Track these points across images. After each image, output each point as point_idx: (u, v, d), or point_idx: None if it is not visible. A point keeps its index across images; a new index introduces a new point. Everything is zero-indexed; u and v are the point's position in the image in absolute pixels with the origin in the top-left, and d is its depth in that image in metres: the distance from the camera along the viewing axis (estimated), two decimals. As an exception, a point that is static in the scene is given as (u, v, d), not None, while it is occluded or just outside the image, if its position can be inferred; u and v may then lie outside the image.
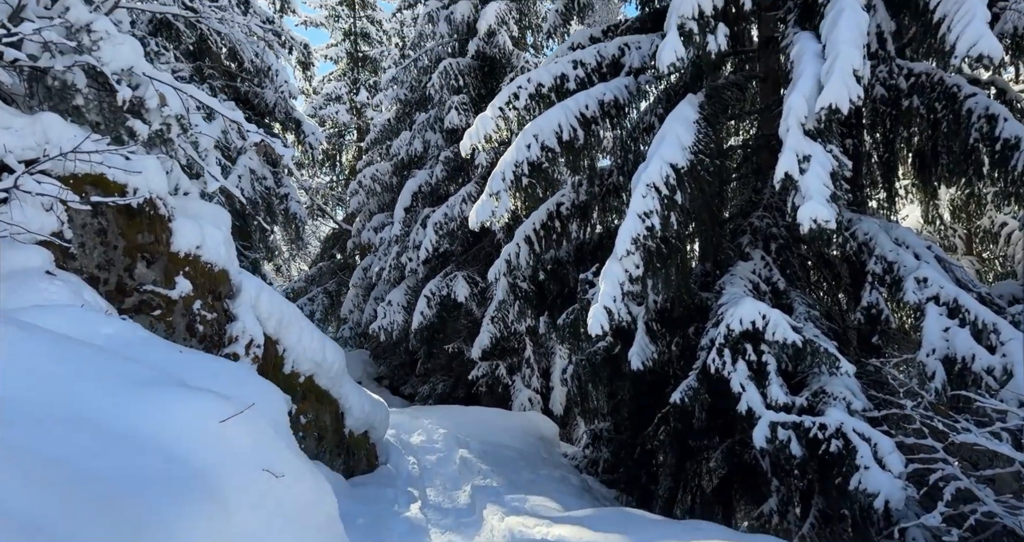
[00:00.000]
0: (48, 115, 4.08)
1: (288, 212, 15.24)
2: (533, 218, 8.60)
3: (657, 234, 5.69)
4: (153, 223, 4.59)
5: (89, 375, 2.35)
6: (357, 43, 22.48)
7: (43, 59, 4.11)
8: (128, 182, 4.39)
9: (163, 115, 4.61)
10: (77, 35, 4.03)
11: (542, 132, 6.96)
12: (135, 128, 4.53)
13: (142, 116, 4.63)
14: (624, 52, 7.35)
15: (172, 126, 4.67)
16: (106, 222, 4.29)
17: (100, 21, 3.99)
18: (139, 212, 4.48)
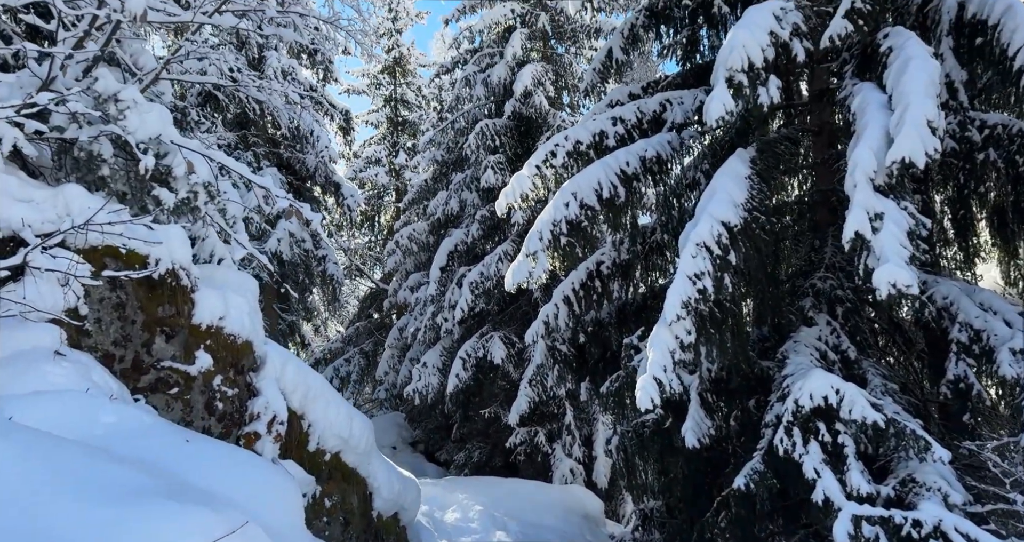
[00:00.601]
0: (71, 187, 3.94)
1: (325, 274, 15.22)
2: (572, 278, 8.24)
3: (710, 297, 5.25)
4: (175, 295, 4.36)
5: (66, 484, 2.02)
6: (397, 108, 23.03)
7: (70, 130, 4.00)
8: (150, 253, 4.19)
9: (190, 183, 4.45)
10: (104, 105, 3.91)
11: (581, 190, 6.68)
12: (161, 197, 4.37)
13: (169, 184, 4.48)
14: (666, 108, 7.09)
15: (199, 194, 4.51)
16: (125, 295, 4.07)
17: (127, 90, 3.88)
18: (160, 284, 4.26)
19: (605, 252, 8.30)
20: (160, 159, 4.42)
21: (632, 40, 7.85)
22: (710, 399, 5.76)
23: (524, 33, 13.20)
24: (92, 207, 3.95)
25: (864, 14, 4.94)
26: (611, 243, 8.39)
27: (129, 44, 7.32)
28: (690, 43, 7.46)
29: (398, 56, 22.81)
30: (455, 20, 14.92)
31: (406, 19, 23.11)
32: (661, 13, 7.56)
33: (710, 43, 7.29)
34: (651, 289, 8.21)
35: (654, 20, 7.70)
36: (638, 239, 7.73)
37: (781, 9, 5.21)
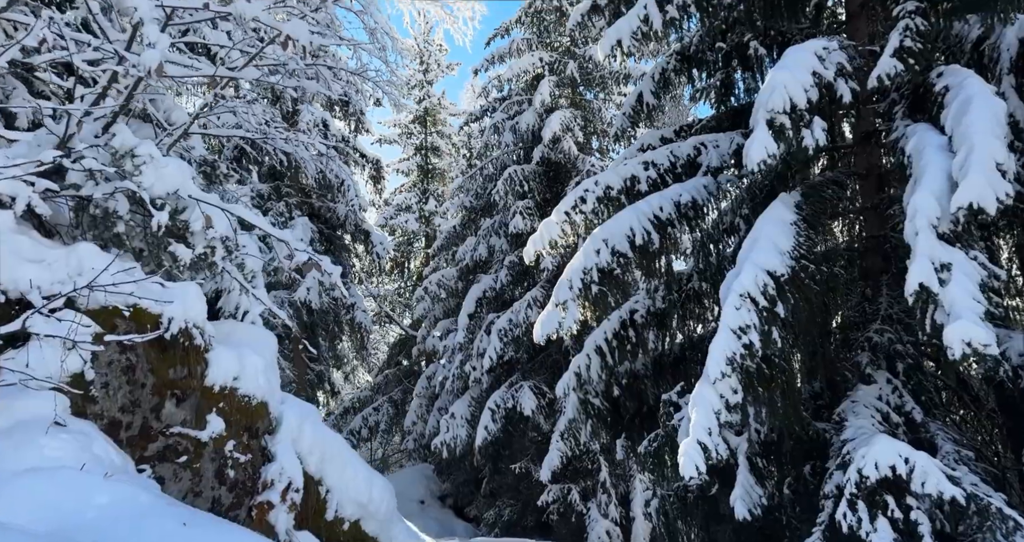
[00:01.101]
0: (84, 245, 3.80)
1: (354, 322, 15.08)
2: (604, 327, 7.88)
3: (757, 353, 4.86)
4: (187, 355, 4.16)
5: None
6: (427, 156, 23.29)
7: (86, 187, 3.89)
8: (163, 312, 4.00)
9: (207, 238, 4.29)
10: (121, 161, 3.80)
11: (612, 236, 6.40)
12: (177, 253, 4.21)
13: (187, 240, 4.33)
14: (700, 151, 6.84)
15: (216, 249, 4.34)
16: (135, 357, 3.87)
17: (144, 146, 3.77)
18: (172, 344, 4.06)
19: (639, 300, 7.95)
20: (178, 214, 4.28)
21: (663, 84, 7.68)
22: (760, 464, 5.29)
23: (552, 81, 13.21)
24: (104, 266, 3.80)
25: (915, 53, 4.66)
26: (645, 291, 8.04)
27: (163, 100, 7.39)
28: (724, 86, 7.25)
29: (429, 106, 23.19)
30: (484, 70, 15.06)
31: (437, 71, 23.58)
32: (693, 57, 7.38)
33: (745, 86, 7.07)
34: (689, 339, 7.80)
35: (685, 64, 7.53)
36: (674, 287, 7.38)
37: (824, 49, 4.97)
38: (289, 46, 3.90)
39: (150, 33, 3.28)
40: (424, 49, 23.27)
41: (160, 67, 3.31)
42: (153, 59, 3.25)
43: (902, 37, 4.84)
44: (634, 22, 6.01)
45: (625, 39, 6.02)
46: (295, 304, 13.86)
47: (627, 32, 6.01)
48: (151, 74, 3.28)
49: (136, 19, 3.25)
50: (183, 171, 4.15)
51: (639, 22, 6.00)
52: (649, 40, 6.09)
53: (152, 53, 3.25)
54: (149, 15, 3.28)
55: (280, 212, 14.86)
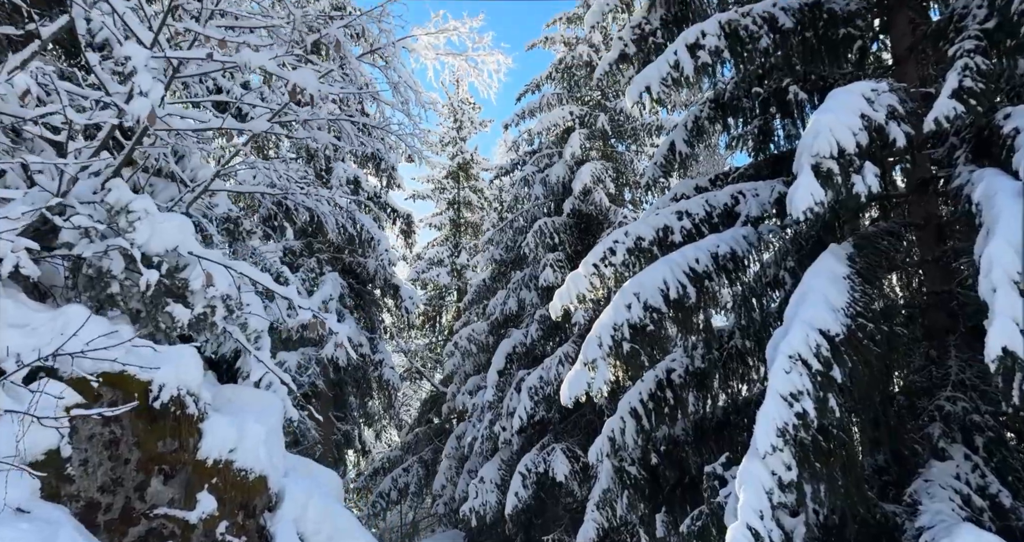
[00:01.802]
0: (72, 308, 3.55)
1: (382, 379, 14.72)
2: (639, 387, 7.35)
3: (812, 423, 4.31)
4: (179, 426, 3.82)
5: None
6: (460, 210, 23.36)
7: (79, 245, 3.67)
8: (153, 378, 3.70)
9: (207, 297, 4.02)
10: (116, 217, 3.58)
11: (644, 290, 5.97)
12: (174, 314, 3.94)
13: (186, 299, 4.07)
14: (738, 200, 6.43)
15: (217, 308, 4.06)
16: (119, 430, 3.55)
17: (139, 201, 3.56)
18: (163, 414, 3.74)
19: (676, 358, 7.41)
20: (178, 272, 4.03)
21: (696, 132, 7.35)
22: (821, 552, 4.64)
23: (583, 133, 13.06)
24: (95, 329, 3.53)
25: (976, 93, 4.24)
26: (682, 348, 7.52)
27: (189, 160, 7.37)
28: (762, 133, 6.89)
29: (462, 162, 23.42)
30: (515, 124, 15.06)
31: (470, 128, 23.92)
32: (728, 104, 7.07)
33: (785, 132, 6.69)
34: (733, 402, 7.19)
35: (720, 112, 7.21)
36: (713, 345, 6.85)
37: (872, 90, 4.58)
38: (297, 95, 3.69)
39: (143, 82, 3.10)
40: (457, 107, 23.69)
41: (152, 116, 3.10)
42: (143, 108, 3.05)
43: (961, 77, 4.44)
44: (664, 68, 5.74)
45: (654, 85, 5.75)
46: (322, 361, 13.60)
47: (656, 78, 5.74)
48: (140, 122, 3.08)
49: (129, 68, 3.07)
50: (183, 227, 3.93)
51: (669, 68, 5.73)
52: (680, 86, 5.80)
53: (142, 102, 3.05)
54: (142, 63, 3.11)
55: (311, 268, 14.82)
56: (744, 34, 5.82)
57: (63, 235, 3.67)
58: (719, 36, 5.77)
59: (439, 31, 6.32)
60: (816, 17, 5.98)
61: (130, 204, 3.56)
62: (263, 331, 4.58)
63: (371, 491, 18.30)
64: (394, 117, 8.53)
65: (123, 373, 3.58)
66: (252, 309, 4.32)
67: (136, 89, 3.07)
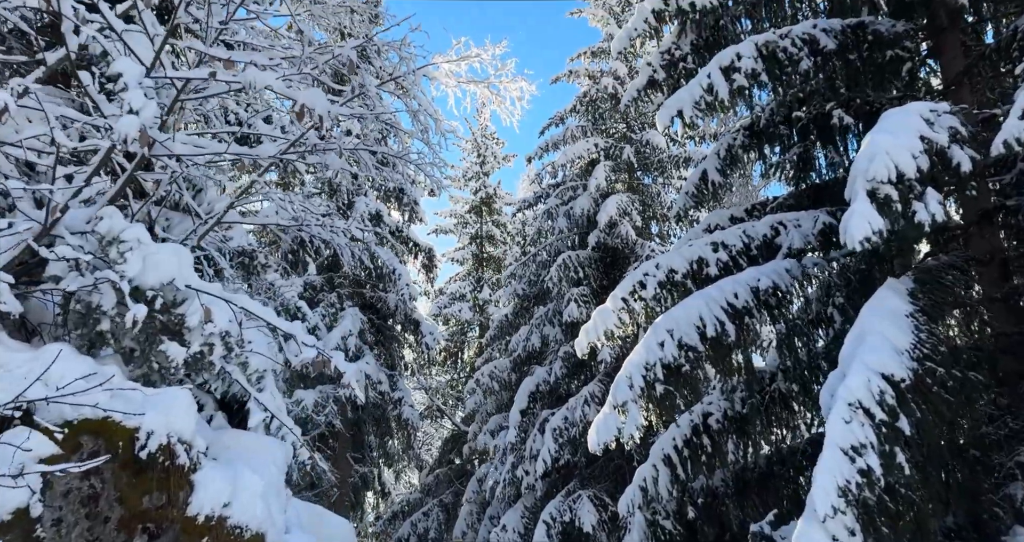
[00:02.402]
0: (54, 347, 3.24)
1: (401, 418, 14.27)
2: (673, 432, 6.83)
3: (878, 481, 3.80)
4: (168, 478, 3.45)
5: None
6: (483, 245, 23.15)
7: (67, 279, 3.37)
8: (140, 425, 3.35)
9: (205, 334, 3.68)
10: (107, 248, 3.29)
11: (679, 327, 5.53)
12: (168, 352, 3.61)
13: (183, 336, 3.74)
14: (779, 231, 6.00)
15: (215, 346, 3.72)
16: (100, 484, 3.18)
17: (131, 230, 3.26)
18: (150, 465, 3.37)
19: (713, 402, 6.90)
20: (175, 307, 3.71)
21: (730, 161, 6.98)
22: (891, 631, 4.05)
23: (608, 165, 12.78)
24: (76, 370, 3.21)
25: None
26: (720, 391, 7.01)
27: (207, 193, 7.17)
28: (802, 161, 6.49)
29: (485, 196, 23.30)
30: (538, 157, 14.85)
31: (493, 162, 23.88)
32: (764, 131, 6.71)
33: (827, 160, 6.28)
34: (778, 451, 6.64)
35: (755, 139, 6.85)
36: (755, 387, 6.34)
37: (931, 111, 4.19)
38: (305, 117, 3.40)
39: (134, 99, 2.83)
40: (481, 142, 23.71)
41: (145, 136, 2.83)
42: (132, 126, 2.78)
43: (1031, 94, 4.04)
44: (696, 91, 5.41)
45: (687, 109, 5.41)
46: (340, 400, 13.22)
47: (689, 102, 5.41)
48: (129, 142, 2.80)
49: (121, 85, 2.81)
50: (181, 258, 3.62)
51: (702, 91, 5.40)
52: (713, 110, 5.46)
53: (130, 120, 2.78)
54: (135, 80, 2.86)
55: (331, 303, 14.59)
56: (783, 56, 5.49)
57: (50, 268, 3.39)
58: (755, 58, 5.45)
59: (461, 58, 6.08)
60: (860, 39, 5.64)
61: (122, 233, 3.27)
62: (266, 371, 4.22)
63: (390, 536, 17.64)
64: (413, 146, 8.31)
65: (106, 419, 3.24)
66: (255, 347, 3.98)
67: (127, 107, 2.80)
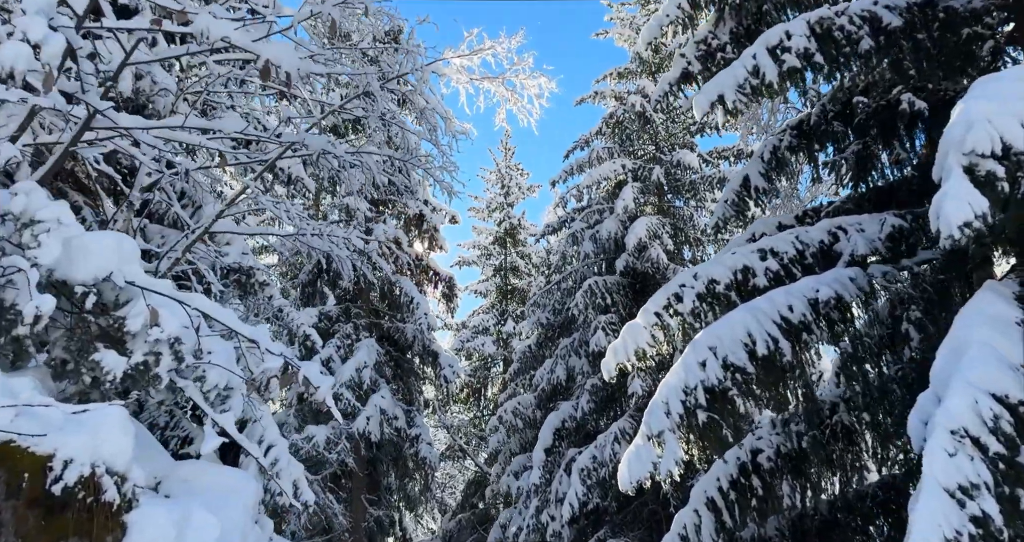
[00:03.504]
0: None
1: (418, 456, 13.39)
2: (716, 471, 5.95)
3: (999, 533, 2.93)
4: (91, 519, 2.74)
5: None
6: (507, 277, 22.52)
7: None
8: (56, 451, 2.66)
9: (149, 340, 3.02)
10: (22, 231, 2.67)
11: (723, 344, 4.73)
12: (103, 363, 2.94)
13: (126, 344, 3.08)
14: (838, 237, 5.21)
15: (163, 356, 3.05)
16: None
17: (51, 208, 2.65)
18: (67, 502, 2.67)
19: (763, 436, 6.01)
20: (116, 308, 3.07)
21: (775, 164, 6.24)
22: None
23: (636, 187, 12.10)
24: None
25: None
26: (771, 423, 6.12)
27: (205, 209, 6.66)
28: (861, 160, 5.71)
29: (509, 227, 22.77)
30: (562, 181, 14.26)
31: (518, 193, 23.43)
32: (814, 130, 5.97)
33: (892, 158, 5.50)
34: (842, 495, 5.70)
35: (804, 140, 6.11)
36: (814, 419, 5.46)
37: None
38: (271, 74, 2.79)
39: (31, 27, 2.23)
40: (505, 173, 23.34)
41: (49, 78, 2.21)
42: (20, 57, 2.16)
43: None
44: (740, 73, 4.72)
45: (729, 94, 4.72)
46: (354, 436, 12.43)
47: (731, 85, 4.72)
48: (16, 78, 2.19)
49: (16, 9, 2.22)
50: (122, 249, 2.99)
51: (747, 73, 4.71)
52: (760, 96, 4.76)
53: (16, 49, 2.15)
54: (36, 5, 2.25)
55: (347, 334, 13.99)
56: (839, 35, 4.79)
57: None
58: (808, 37, 4.76)
59: (473, 52, 5.53)
60: (930, 16, 4.92)
61: (38, 213, 2.65)
62: (233, 388, 3.52)
63: (407, 588, 16.54)
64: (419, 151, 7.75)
65: (8, 444, 2.58)
66: (217, 358, 3.30)
67: (19, 35, 2.20)
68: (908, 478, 5.40)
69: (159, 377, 3.08)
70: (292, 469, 6.70)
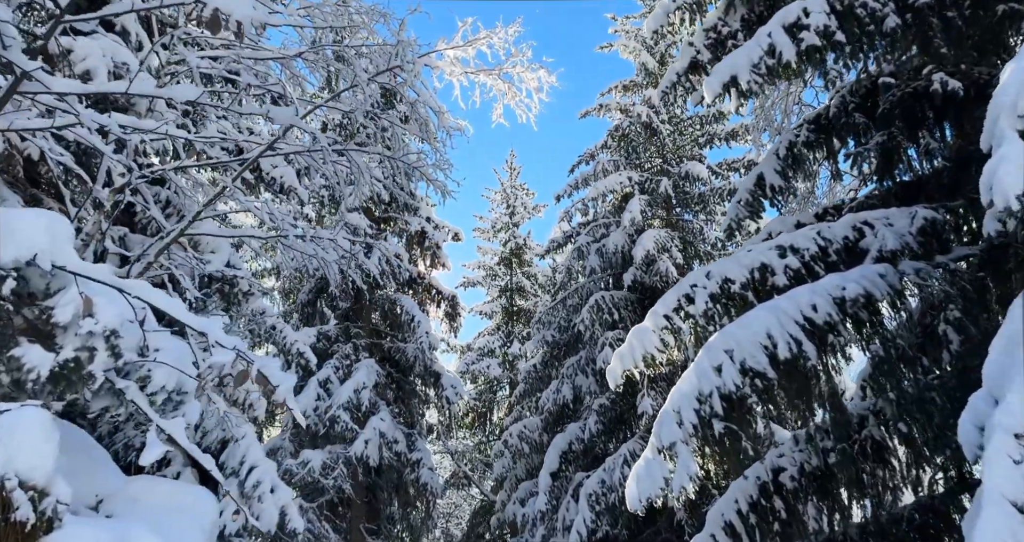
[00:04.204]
0: None
1: (419, 482, 12.81)
2: (735, 492, 5.44)
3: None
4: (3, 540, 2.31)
5: None
6: (512, 298, 22.11)
7: None
8: (-45, 457, 2.24)
9: (81, 334, 2.61)
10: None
11: (740, 347, 4.28)
12: (24, 359, 2.54)
13: (53, 338, 2.67)
14: (863, 233, 4.78)
15: (97, 352, 2.64)
16: None
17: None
18: (-36, 518, 2.24)
19: (784, 454, 5.51)
20: (47, 298, 2.67)
21: (792, 161, 5.85)
22: None
23: (644, 199, 11.73)
24: None
25: None
26: (793, 438, 5.62)
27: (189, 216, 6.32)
28: (885, 153, 5.30)
29: (515, 247, 22.45)
30: (567, 195, 13.93)
31: (523, 213, 23.16)
32: (833, 124, 5.57)
33: (922, 149, 5.08)
34: (874, 519, 5.16)
35: (822, 135, 5.72)
36: (843, 431, 4.96)
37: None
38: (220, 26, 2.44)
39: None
40: (510, 192, 23.11)
41: None
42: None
43: None
44: (755, 53, 4.35)
45: (743, 74, 4.34)
46: (351, 460, 11.90)
47: (745, 66, 4.34)
48: None
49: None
50: (54, 230, 2.61)
51: (762, 52, 4.34)
52: (777, 77, 4.38)
53: None
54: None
55: (346, 354, 13.57)
56: (862, 12, 4.42)
57: None
58: (827, 14, 4.40)
59: (468, 43, 5.21)
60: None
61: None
62: (187, 392, 3.09)
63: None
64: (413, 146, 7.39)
65: None
66: (166, 356, 2.89)
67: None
68: (950, 499, 4.88)
69: (93, 376, 2.67)
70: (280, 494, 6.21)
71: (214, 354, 2.67)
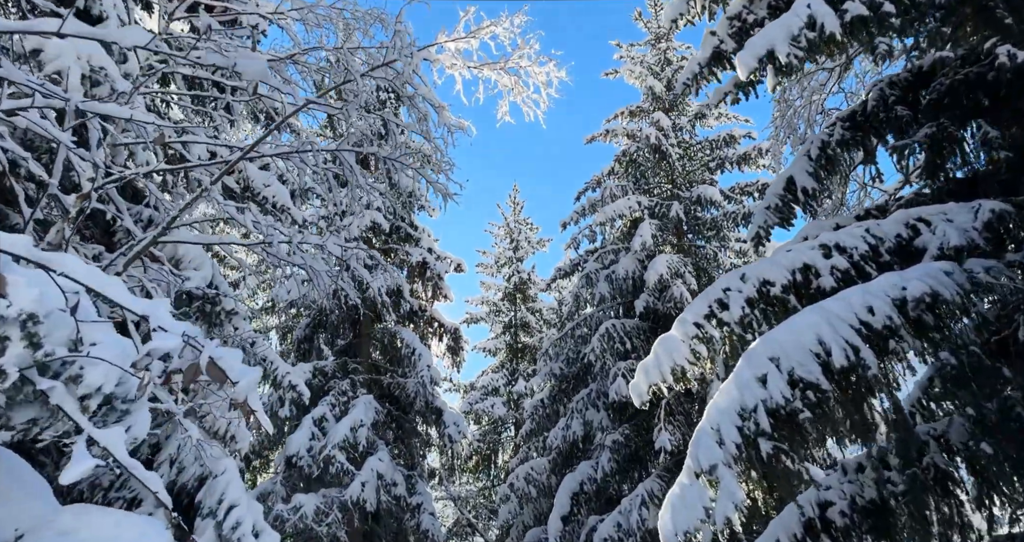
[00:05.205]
0: None
1: (420, 529, 11.95)
2: (776, 531, 4.77)
3: None
4: None
5: None
6: (517, 334, 21.49)
7: None
8: None
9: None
10: None
11: (788, 355, 3.69)
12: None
13: (-41, 324, 2.11)
14: (918, 230, 4.24)
15: (10, 342, 2.09)
16: None
17: None
18: None
19: (832, 485, 4.84)
20: (-49, 274, 2.12)
21: (825, 162, 5.37)
22: None
23: (654, 224, 11.26)
24: None
25: None
26: (841, 469, 4.96)
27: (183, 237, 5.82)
28: (935, 145, 4.81)
29: (518, 282, 21.96)
30: (574, 222, 13.48)
31: (527, 248, 22.77)
32: (871, 119, 5.11)
33: (979, 139, 4.57)
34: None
35: (859, 132, 5.25)
36: (910, 452, 4.31)
37: None
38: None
39: None
40: (514, 227, 22.77)
41: None
42: None
43: None
44: (795, 24, 3.91)
45: (781, 48, 3.88)
46: (346, 505, 11.09)
47: (783, 39, 3.89)
48: None
49: None
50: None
51: (802, 24, 3.89)
52: (818, 53, 3.93)
53: None
54: None
55: (343, 391, 12.91)
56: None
57: None
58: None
59: (470, 34, 4.80)
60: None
61: None
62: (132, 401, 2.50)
63: None
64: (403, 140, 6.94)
65: None
66: (103, 351, 2.32)
67: None
68: (1036, 537, 4.20)
69: (4, 372, 2.10)
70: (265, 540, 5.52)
71: (155, 338, 2.11)
